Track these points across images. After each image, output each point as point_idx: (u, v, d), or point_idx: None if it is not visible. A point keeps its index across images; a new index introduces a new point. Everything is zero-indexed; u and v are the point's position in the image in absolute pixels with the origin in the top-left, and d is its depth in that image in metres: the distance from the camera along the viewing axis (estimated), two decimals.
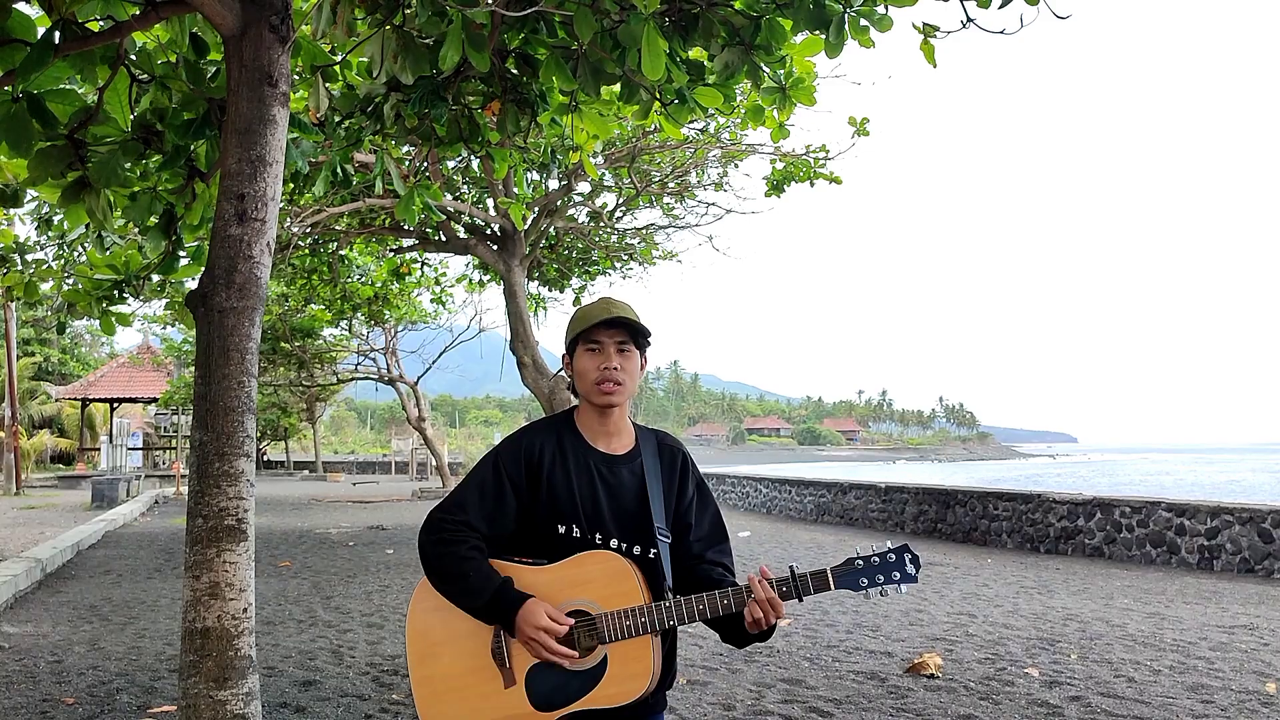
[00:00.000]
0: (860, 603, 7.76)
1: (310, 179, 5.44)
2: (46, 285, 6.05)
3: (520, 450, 2.21)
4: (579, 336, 2.21)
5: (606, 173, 11.28)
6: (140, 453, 31.63)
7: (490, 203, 11.32)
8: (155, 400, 30.33)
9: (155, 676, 5.55)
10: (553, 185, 11.33)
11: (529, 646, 2.07)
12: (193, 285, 3.86)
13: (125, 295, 4.93)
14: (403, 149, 7.85)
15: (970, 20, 2.98)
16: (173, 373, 29.52)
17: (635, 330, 2.21)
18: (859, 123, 9.01)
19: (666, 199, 12.59)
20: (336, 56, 3.95)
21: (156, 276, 4.75)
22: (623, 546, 2.18)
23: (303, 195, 7.99)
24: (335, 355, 23.46)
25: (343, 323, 20.11)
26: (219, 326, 3.00)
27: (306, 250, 12.22)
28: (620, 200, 12.43)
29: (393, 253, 13.50)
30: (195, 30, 3.52)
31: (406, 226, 11.25)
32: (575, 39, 3.27)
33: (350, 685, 5.35)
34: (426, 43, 3.29)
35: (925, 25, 3.10)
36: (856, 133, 9.16)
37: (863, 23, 3.12)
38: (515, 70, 3.88)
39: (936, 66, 3.21)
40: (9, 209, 4.51)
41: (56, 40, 3.12)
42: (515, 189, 9.67)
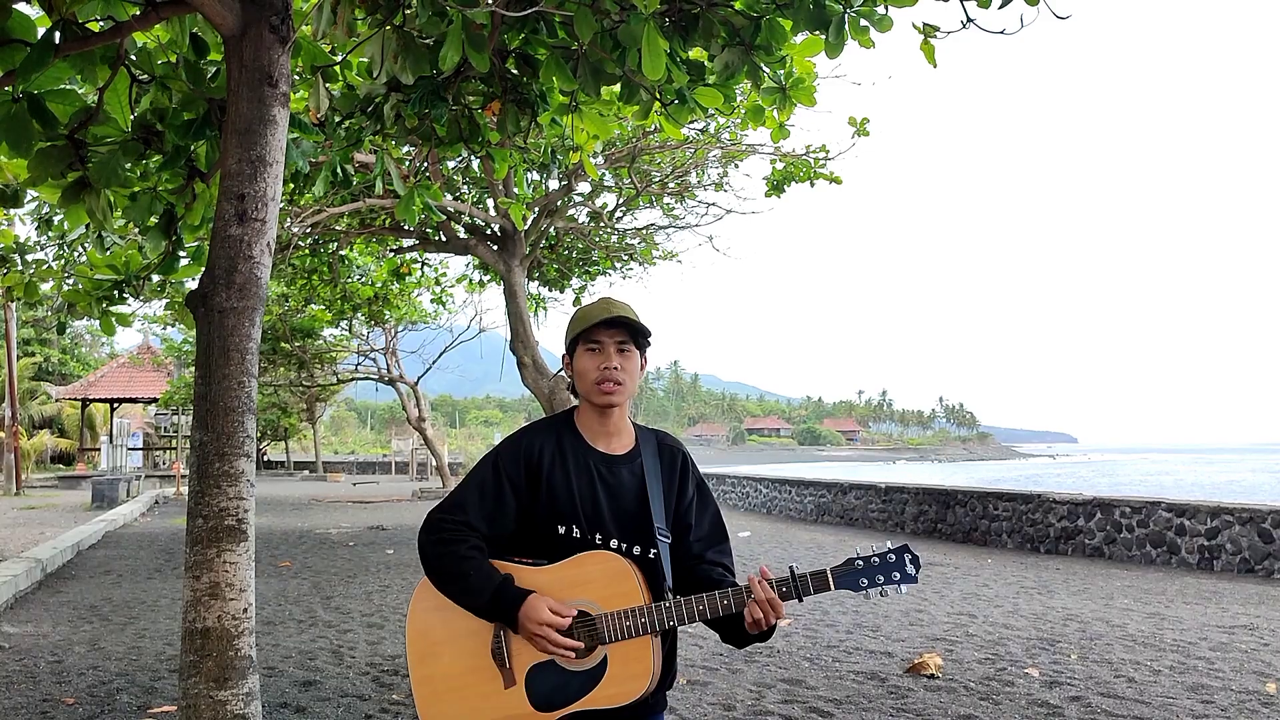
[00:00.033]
0: (860, 603, 7.76)
1: (310, 179, 5.44)
2: (46, 285, 6.05)
3: (520, 450, 2.21)
4: (579, 336, 2.21)
5: (606, 173, 11.28)
6: (140, 453, 31.62)
7: (490, 203, 11.32)
8: (155, 400, 30.34)
9: (155, 676, 5.55)
10: (553, 185, 11.33)
11: (533, 642, 2.06)
12: (193, 285, 3.86)
13: (125, 295, 4.93)
14: (403, 149, 7.85)
15: (970, 20, 2.98)
16: (173, 373, 29.54)
17: (635, 330, 2.21)
18: (859, 123, 9.01)
19: (666, 199, 12.59)
20: (337, 57, 3.95)
21: (156, 276, 4.76)
22: (623, 547, 2.18)
23: (303, 195, 7.99)
24: (335, 355, 23.46)
25: (343, 323, 20.11)
26: (219, 326, 3.00)
27: (306, 250, 12.22)
28: (620, 200, 12.43)
29: (393, 253, 13.50)
30: (195, 30, 3.52)
31: (406, 226, 11.25)
32: (575, 39, 3.28)
33: (350, 685, 5.35)
34: (426, 43, 3.29)
35: (925, 25, 3.10)
36: (856, 133, 9.16)
37: (863, 23, 3.12)
38: (515, 70, 3.88)
39: (937, 66, 3.21)
40: (9, 209, 4.51)
41: (57, 40, 3.12)
42: (515, 189, 9.67)
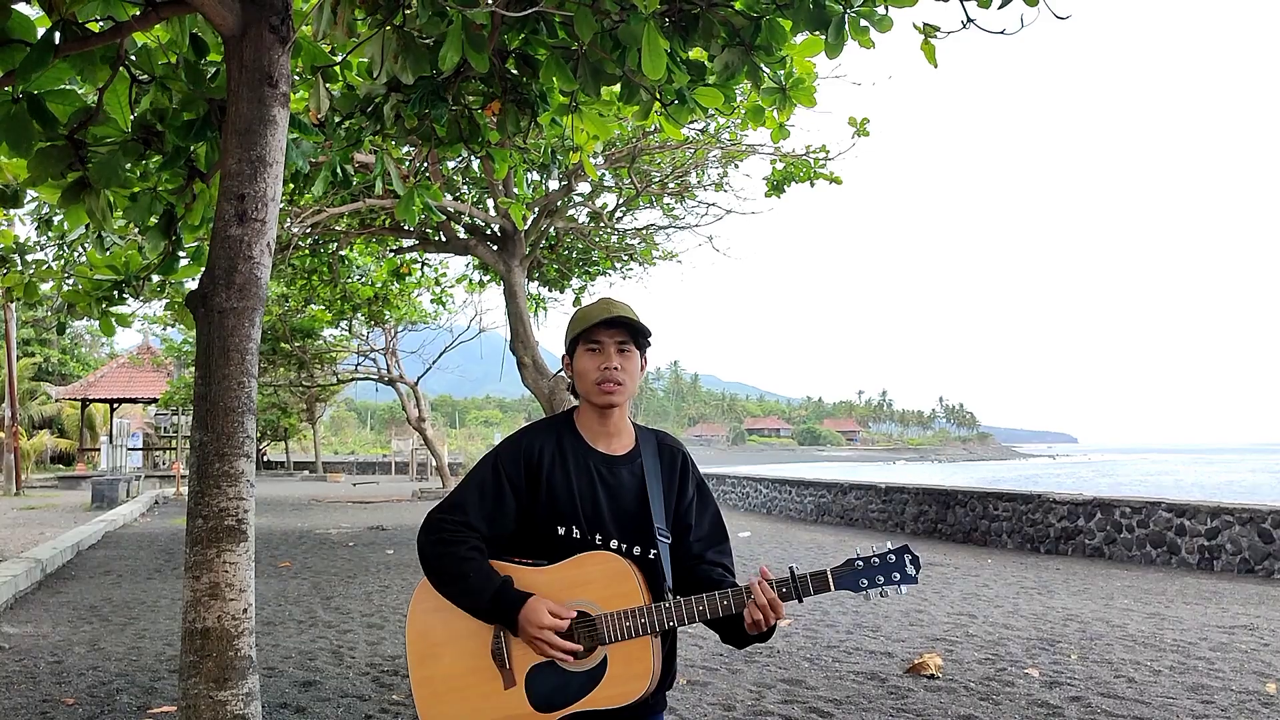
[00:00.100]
0: (860, 603, 7.76)
1: (310, 179, 5.44)
2: (46, 285, 6.05)
3: (520, 451, 2.20)
4: (579, 337, 2.21)
5: (606, 173, 11.28)
6: (140, 453, 31.62)
7: (490, 203, 11.32)
8: (155, 400, 30.34)
9: (155, 677, 5.55)
10: (553, 185, 11.33)
11: (533, 645, 2.06)
12: (193, 285, 3.85)
13: (125, 296, 4.93)
14: (403, 149, 7.85)
15: (970, 20, 2.98)
16: (173, 373, 29.54)
17: (635, 330, 2.21)
18: (859, 123, 9.01)
19: (666, 199, 12.59)
20: (337, 57, 3.95)
21: (156, 277, 4.75)
22: (623, 547, 2.18)
23: (303, 195, 8.00)
24: (335, 355, 23.47)
25: (343, 323, 20.12)
26: (219, 327, 3.00)
27: (306, 250, 12.22)
28: (620, 200, 12.43)
29: (393, 253, 13.50)
30: (195, 31, 3.52)
31: (406, 227, 11.26)
32: (575, 39, 3.27)
33: (350, 686, 5.35)
34: (426, 43, 3.29)
35: (925, 25, 3.10)
36: (856, 133, 9.16)
37: (863, 23, 3.12)
38: (515, 70, 3.88)
39: (937, 66, 3.21)
40: (9, 209, 4.51)
41: (56, 41, 3.12)
42: (515, 189, 9.67)
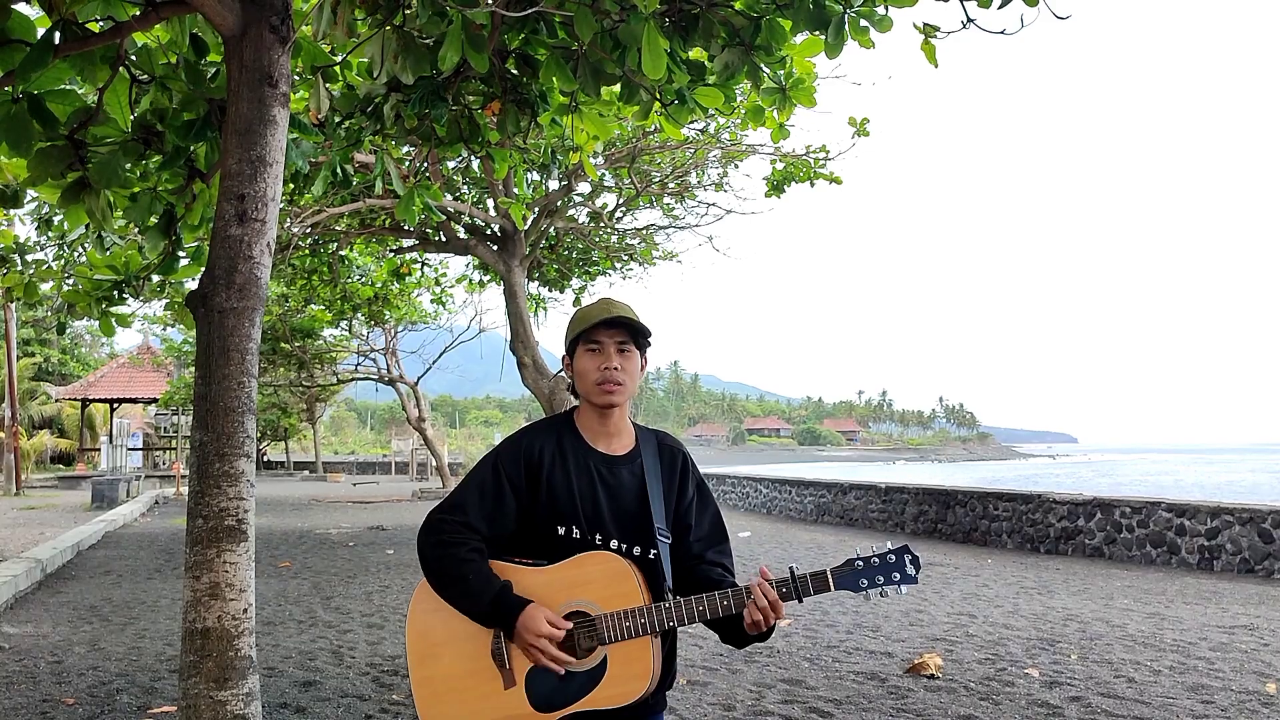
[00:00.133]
0: (860, 603, 7.76)
1: (310, 179, 5.44)
2: (46, 286, 6.05)
3: (520, 451, 2.20)
4: (579, 337, 2.21)
5: (606, 173, 11.28)
6: (140, 453, 31.62)
7: (490, 203, 11.32)
8: (155, 401, 30.34)
9: (155, 677, 5.55)
10: (553, 185, 11.33)
11: (527, 652, 2.07)
12: (193, 285, 3.86)
13: (125, 296, 4.93)
14: (403, 149, 7.86)
15: (970, 20, 2.98)
16: (173, 373, 29.54)
17: (635, 330, 2.21)
18: (859, 123, 9.01)
19: (666, 199, 12.59)
20: (337, 57, 3.95)
21: (156, 277, 4.76)
22: (623, 547, 2.18)
23: (303, 195, 8.00)
24: (335, 355, 23.47)
25: (343, 323, 20.12)
26: (219, 327, 3.00)
27: (306, 250, 12.22)
28: (620, 200, 12.43)
29: (393, 253, 13.50)
30: (195, 31, 3.52)
31: (406, 227, 11.26)
32: (575, 39, 3.27)
33: (350, 686, 5.35)
34: (427, 43, 3.29)
35: (925, 25, 3.10)
36: (856, 133, 9.16)
37: (862, 23, 3.12)
38: (515, 71, 3.88)
39: (938, 66, 3.21)
40: (9, 209, 4.50)
41: (56, 40, 3.12)
42: (515, 189, 9.67)
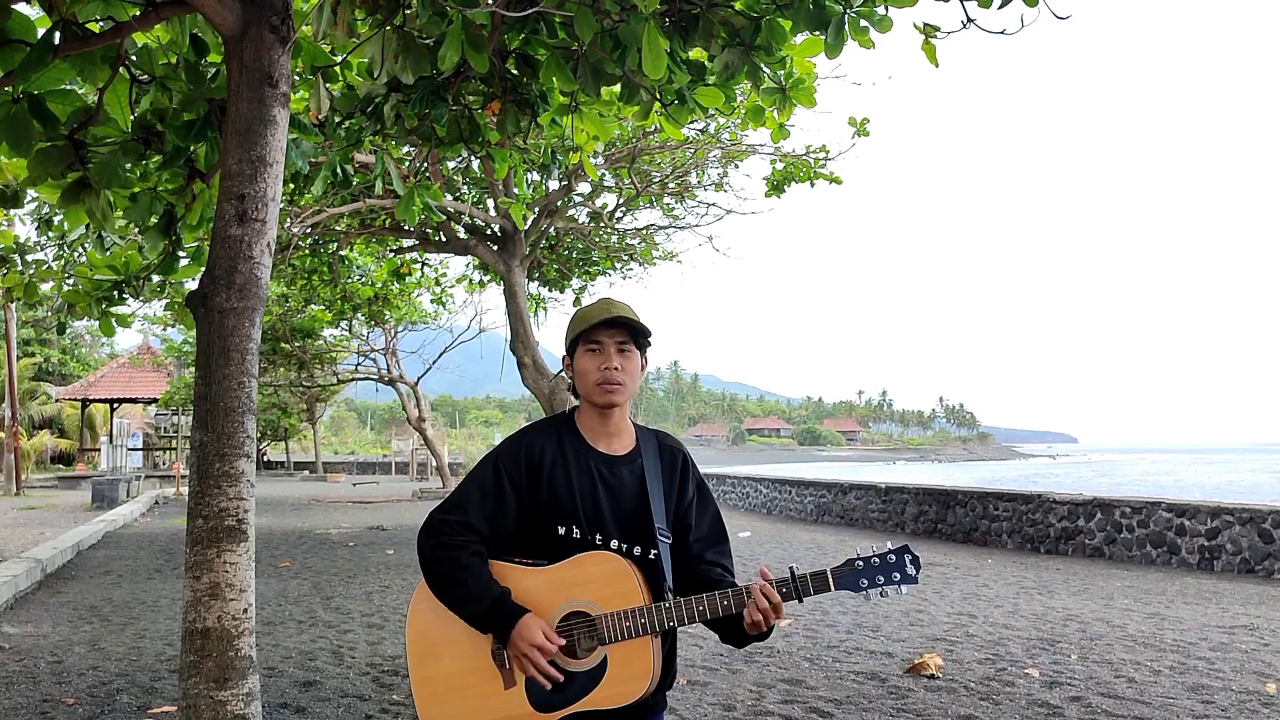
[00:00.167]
0: (860, 603, 7.76)
1: (310, 179, 5.44)
2: (46, 286, 6.05)
3: (521, 450, 2.20)
4: (579, 337, 2.21)
5: (606, 173, 11.28)
6: (140, 453, 31.61)
7: (490, 203, 11.32)
8: (155, 401, 30.35)
9: (155, 677, 5.55)
10: (553, 186, 11.34)
11: (519, 661, 2.07)
12: (193, 286, 3.86)
13: (125, 296, 4.93)
14: (403, 149, 7.86)
15: (970, 20, 2.98)
16: (173, 373, 29.54)
17: (635, 330, 2.21)
18: (859, 123, 9.02)
19: (666, 199, 12.59)
20: (337, 57, 3.95)
21: (156, 277, 4.76)
22: (623, 547, 2.18)
23: (303, 195, 8.00)
24: (335, 355, 23.48)
25: (343, 323, 20.12)
26: (219, 327, 3.00)
27: (306, 250, 12.22)
28: (620, 200, 12.43)
29: (393, 253, 13.50)
30: (195, 31, 3.52)
31: (407, 227, 11.26)
32: (575, 39, 3.27)
33: (350, 686, 5.35)
34: (427, 43, 3.29)
35: (925, 25, 3.10)
36: (856, 133, 9.16)
37: (862, 23, 3.12)
38: (515, 71, 3.88)
39: (938, 66, 3.21)
40: (9, 209, 4.51)
41: (56, 41, 3.12)
42: (515, 189, 9.67)
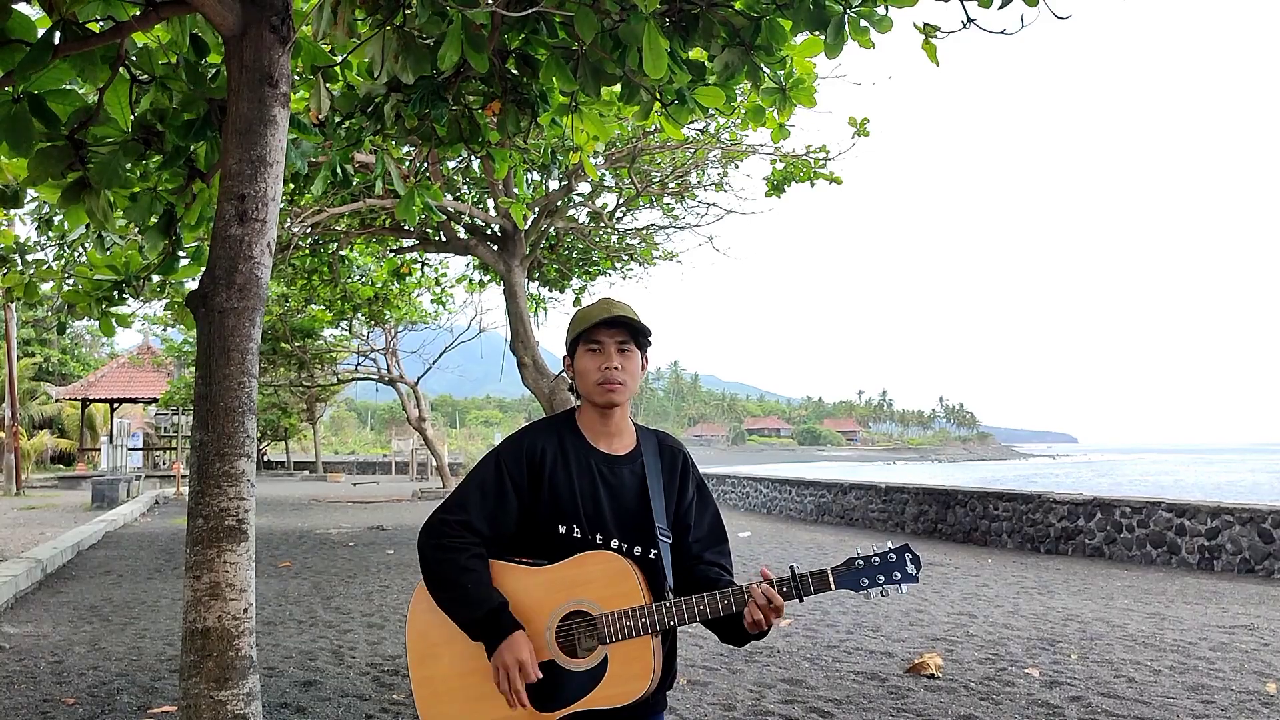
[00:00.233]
0: (861, 603, 7.76)
1: (310, 179, 5.44)
2: (47, 286, 6.05)
3: (522, 450, 2.20)
4: (580, 337, 2.21)
5: (607, 173, 11.28)
6: (140, 453, 31.62)
7: (490, 203, 11.32)
8: (155, 400, 30.35)
9: (156, 677, 5.55)
10: (553, 186, 11.34)
11: (497, 672, 2.04)
12: (193, 285, 3.86)
13: (125, 296, 4.93)
14: (403, 149, 7.86)
15: (970, 20, 2.98)
16: (173, 373, 29.55)
17: (636, 330, 2.21)
18: (859, 123, 9.02)
19: (666, 199, 12.59)
20: (337, 57, 3.95)
21: (156, 277, 4.76)
22: (623, 547, 2.18)
23: (303, 195, 8.00)
24: (335, 355, 23.48)
25: (343, 323, 20.13)
26: (219, 327, 3.00)
27: (307, 250, 12.22)
28: (620, 200, 12.43)
29: (393, 253, 13.50)
30: (195, 31, 3.52)
31: (407, 227, 11.26)
32: (576, 39, 3.28)
33: (351, 685, 5.35)
34: (427, 43, 3.29)
35: (926, 25, 3.10)
36: (856, 133, 9.16)
37: (862, 24, 3.12)
38: (515, 71, 3.88)
39: (939, 66, 3.21)
40: (9, 209, 4.51)
41: (56, 40, 3.12)
42: (515, 189, 9.67)
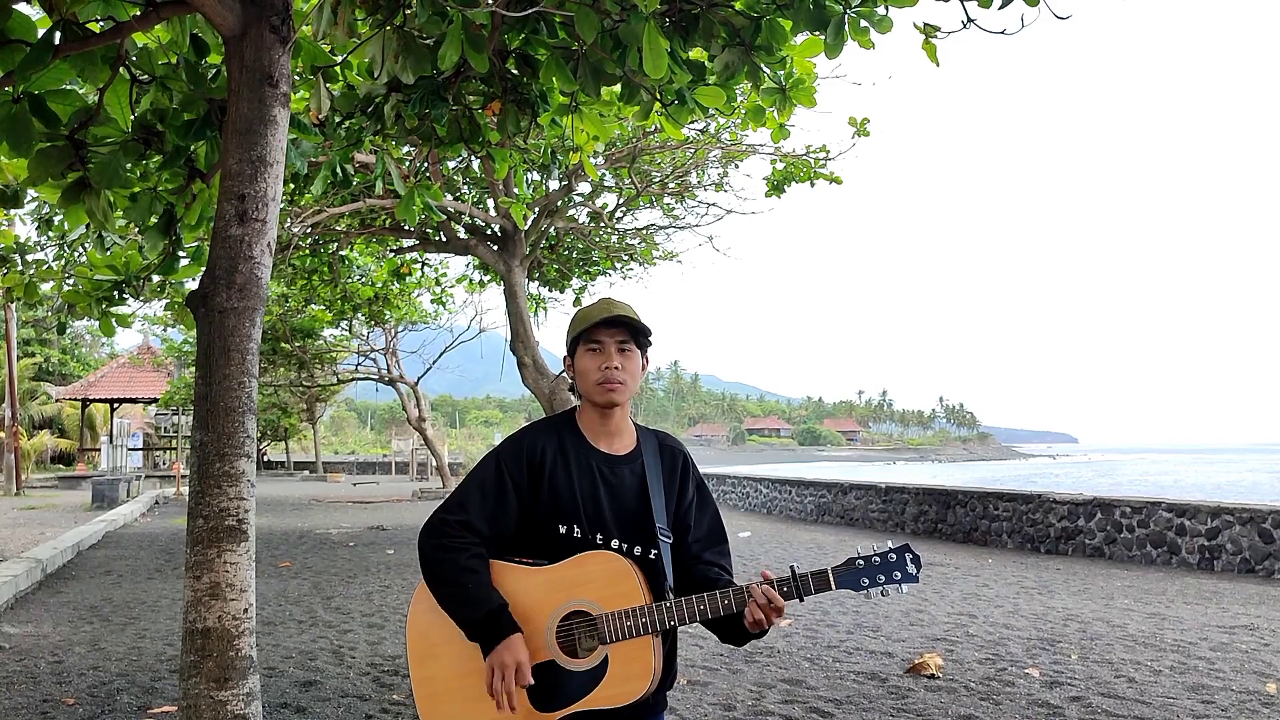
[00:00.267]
0: (861, 603, 7.76)
1: (310, 179, 5.44)
2: (47, 286, 6.05)
3: (522, 450, 2.20)
4: (580, 336, 2.21)
5: (607, 173, 11.28)
6: (140, 453, 31.62)
7: (490, 203, 11.32)
8: (155, 400, 30.35)
9: (156, 677, 5.55)
10: (553, 185, 11.33)
11: (493, 671, 2.04)
12: (193, 285, 3.86)
13: (125, 296, 4.93)
14: (403, 149, 7.86)
15: (971, 20, 2.98)
16: (173, 373, 29.56)
17: (636, 329, 2.21)
18: (859, 123, 9.01)
19: (666, 199, 12.59)
20: (337, 57, 3.95)
21: (156, 277, 4.75)
22: (624, 547, 2.18)
23: (303, 196, 8.00)
24: (335, 355, 23.48)
25: (343, 323, 20.12)
26: (219, 327, 3.00)
27: (307, 250, 12.22)
28: (620, 200, 12.43)
29: (393, 253, 13.50)
30: (196, 31, 3.52)
31: (407, 227, 11.26)
32: (576, 39, 3.27)
33: (351, 685, 5.35)
34: (427, 43, 3.29)
35: (926, 25, 3.10)
36: (857, 133, 9.16)
37: (862, 24, 3.12)
38: (515, 71, 3.88)
39: (939, 66, 3.21)
40: (9, 209, 4.51)
41: (57, 40, 3.12)
42: (515, 189, 9.67)
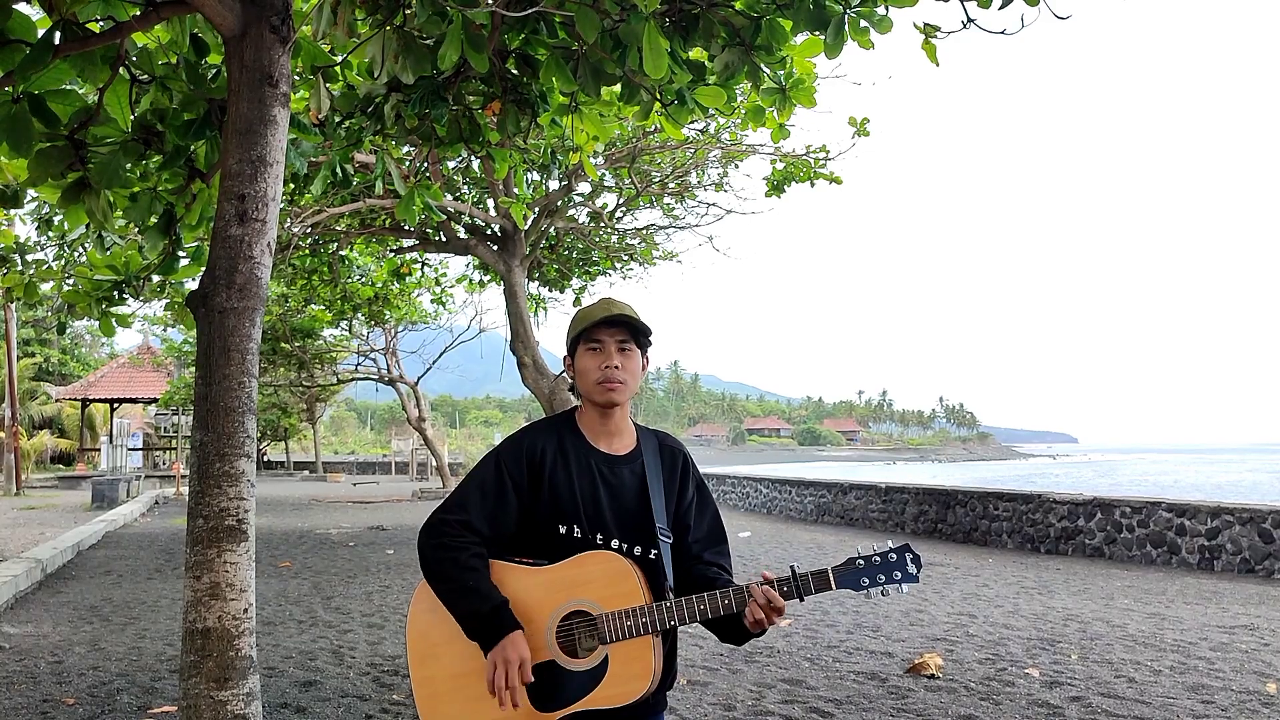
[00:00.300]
0: (861, 603, 7.76)
1: (310, 179, 5.44)
2: (47, 286, 6.05)
3: (522, 450, 2.20)
4: (580, 336, 2.21)
5: (607, 173, 11.28)
6: (140, 453, 31.61)
7: (490, 203, 11.32)
8: (155, 400, 30.35)
9: (156, 677, 5.55)
10: (553, 185, 11.34)
11: (495, 667, 2.03)
12: (193, 285, 3.86)
13: (125, 296, 4.93)
14: (403, 149, 7.86)
15: (971, 20, 2.98)
16: (173, 373, 29.56)
17: (636, 329, 2.21)
18: (859, 123, 9.01)
19: (666, 199, 12.59)
20: (337, 57, 3.95)
21: (156, 277, 4.75)
22: (624, 547, 2.18)
23: (303, 196, 8.00)
24: (335, 355, 23.48)
25: (343, 323, 20.12)
26: (219, 327, 3.00)
27: (307, 250, 12.22)
28: (620, 200, 12.43)
29: (393, 253, 13.50)
30: (196, 31, 3.52)
31: (407, 227, 11.26)
32: (576, 39, 3.27)
33: (351, 685, 5.35)
34: (427, 43, 3.29)
35: (926, 25, 3.10)
36: (857, 133, 9.16)
37: (862, 24, 3.12)
38: (515, 71, 3.88)
39: (939, 66, 3.21)
40: (9, 209, 4.51)
41: (57, 40, 3.12)
42: (515, 189, 9.67)
